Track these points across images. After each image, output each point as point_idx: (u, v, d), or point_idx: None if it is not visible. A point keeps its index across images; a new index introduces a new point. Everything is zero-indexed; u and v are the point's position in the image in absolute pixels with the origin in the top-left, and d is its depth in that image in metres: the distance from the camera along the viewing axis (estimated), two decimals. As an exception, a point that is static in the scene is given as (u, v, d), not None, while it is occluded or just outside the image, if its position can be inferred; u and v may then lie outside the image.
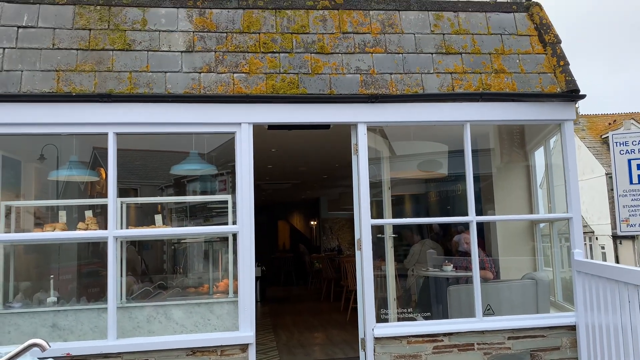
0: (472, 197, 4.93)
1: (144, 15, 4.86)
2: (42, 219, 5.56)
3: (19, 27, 4.62)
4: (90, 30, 4.70)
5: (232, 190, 5.97)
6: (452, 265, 6.56)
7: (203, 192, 6.86)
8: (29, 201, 5.49)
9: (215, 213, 6.35)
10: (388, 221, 5.65)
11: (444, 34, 5.17)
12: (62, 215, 4.87)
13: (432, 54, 5.07)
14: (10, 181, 5.02)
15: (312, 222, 18.82)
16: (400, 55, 5.02)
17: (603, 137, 26.54)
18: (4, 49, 4.52)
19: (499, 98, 4.94)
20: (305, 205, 18.48)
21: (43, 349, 2.79)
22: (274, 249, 18.33)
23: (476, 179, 5.09)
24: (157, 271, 7.12)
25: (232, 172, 5.65)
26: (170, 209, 7.06)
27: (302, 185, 13.68)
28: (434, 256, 7.12)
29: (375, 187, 5.38)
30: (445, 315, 5.68)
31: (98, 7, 4.81)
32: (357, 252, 4.89)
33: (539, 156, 6.36)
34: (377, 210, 5.38)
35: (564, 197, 5.17)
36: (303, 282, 15.44)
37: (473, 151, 5.00)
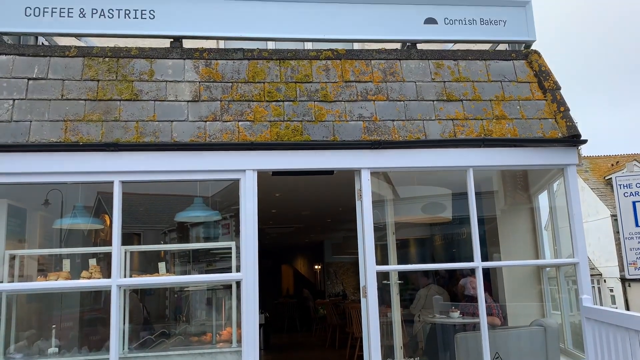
0: (477, 242, 4.91)
1: (151, 66, 4.98)
2: (46, 265, 5.56)
3: (29, 78, 4.74)
4: (98, 81, 4.82)
5: (236, 234, 5.97)
6: (459, 311, 6.47)
7: (206, 237, 6.85)
8: (33, 250, 5.49)
9: (218, 258, 6.33)
10: (394, 268, 5.61)
11: (444, 82, 5.27)
12: (66, 264, 4.86)
13: (433, 101, 5.15)
14: (16, 229, 5.04)
15: (316, 266, 18.65)
16: (402, 102, 5.10)
17: (606, 178, 26.56)
18: (13, 100, 4.62)
19: (501, 144, 4.98)
20: (309, 249, 18.37)
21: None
22: (278, 294, 18.12)
23: (480, 221, 5.08)
24: (160, 318, 7.04)
25: (236, 216, 5.65)
26: (174, 254, 7.04)
27: (306, 229, 13.65)
28: (441, 302, 7.03)
29: (379, 230, 5.38)
30: (452, 364, 5.55)
31: (107, 59, 4.94)
32: (363, 300, 4.83)
33: (542, 199, 6.36)
34: (381, 255, 5.36)
35: (569, 238, 5.14)
36: (307, 329, 15.19)
37: (476, 194, 5.01)
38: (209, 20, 5.24)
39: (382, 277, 5.36)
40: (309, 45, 6.29)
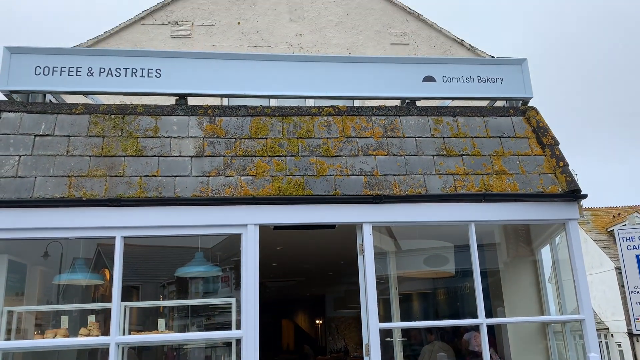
0: (481, 298, 4.85)
1: (156, 123, 5.08)
2: (44, 320, 5.46)
3: (35, 135, 4.83)
4: (104, 137, 4.90)
5: (236, 287, 5.89)
6: (464, 369, 6.30)
7: (206, 291, 6.77)
8: (31, 306, 5.41)
9: (218, 312, 6.23)
10: (397, 325, 5.53)
11: (444, 137, 5.36)
12: (64, 321, 4.78)
13: (433, 156, 5.22)
14: (15, 285, 4.99)
15: (317, 321, 18.30)
16: (403, 157, 5.17)
17: (609, 230, 26.44)
18: (19, 156, 4.69)
19: (502, 199, 5.01)
20: (310, 303, 18.08)
21: None
22: (278, 350, 17.70)
23: (484, 274, 5.04)
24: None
25: (236, 268, 5.61)
26: (172, 307, 6.93)
27: (307, 283, 13.47)
28: (445, 359, 6.86)
29: (381, 284, 5.32)
30: None
31: (113, 116, 5.04)
32: (365, 358, 4.73)
33: (545, 252, 6.32)
34: (384, 309, 5.28)
35: (573, 292, 5.08)
36: (308, 386, 14.75)
37: (479, 246, 5.00)
38: (213, 78, 5.39)
39: (385, 334, 5.26)
40: (310, 102, 6.44)
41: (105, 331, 4.57)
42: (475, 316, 4.86)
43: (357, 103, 6.50)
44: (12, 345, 4.60)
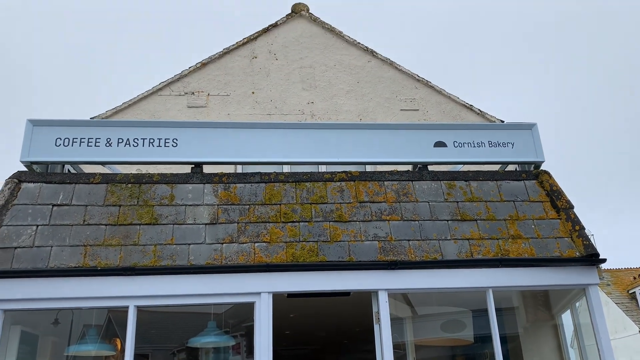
0: (503, 367, 4.67)
1: (172, 191, 5.15)
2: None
3: (53, 205, 4.91)
4: (120, 206, 4.97)
5: (247, 354, 5.74)
6: None
7: (217, 358, 6.61)
8: (41, 379, 5.30)
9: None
10: (415, 396, 5.30)
11: (457, 202, 5.35)
12: (74, 395, 4.67)
13: (447, 220, 5.20)
14: (26, 357, 4.91)
15: (332, 391, 17.61)
16: (417, 222, 5.16)
17: (630, 292, 25.70)
18: (37, 226, 4.75)
19: (519, 264, 4.94)
20: (325, 372, 17.46)
21: None
22: (292, 422, 16.95)
23: (503, 340, 4.89)
24: None
25: (247, 335, 5.49)
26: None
27: (321, 351, 13.09)
28: None
29: (398, 351, 5.16)
30: None
31: (129, 185, 5.13)
32: None
33: (566, 317, 6.13)
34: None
35: (597, 357, 4.89)
36: None
37: (496, 310, 4.88)
38: (228, 146, 5.50)
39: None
40: (323, 168, 6.52)
41: (115, 405, 4.45)
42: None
43: (369, 168, 6.56)
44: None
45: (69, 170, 5.54)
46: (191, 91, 7.96)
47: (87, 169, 5.87)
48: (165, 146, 5.34)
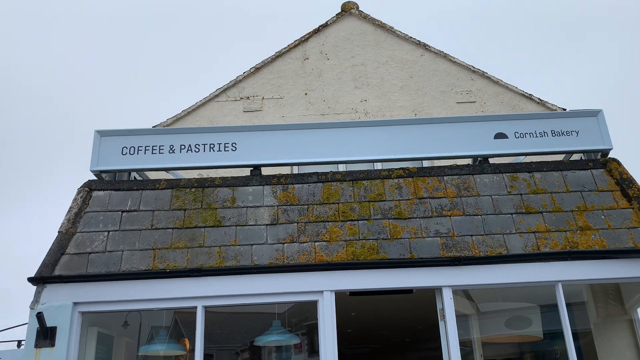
0: (576, 363, 4.50)
1: (233, 194, 5.28)
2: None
3: (122, 211, 5.13)
4: (185, 210, 5.13)
5: (309, 353, 5.79)
6: None
7: (279, 357, 6.70)
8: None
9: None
10: (485, 394, 5.18)
11: (521, 194, 5.20)
12: (149, 393, 4.86)
13: (511, 214, 5.06)
14: (103, 357, 5.15)
15: (395, 390, 17.49)
16: (479, 217, 5.05)
17: None
18: (108, 231, 4.98)
19: (590, 256, 4.74)
20: (387, 371, 17.37)
21: None
22: (356, 420, 16.95)
23: (574, 335, 4.72)
24: None
25: (308, 334, 5.54)
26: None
27: (383, 350, 13.04)
28: None
29: (464, 349, 5.07)
30: None
31: (193, 189, 5.29)
32: None
33: (642, 311, 5.83)
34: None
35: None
36: None
37: (567, 304, 4.70)
38: (284, 148, 5.58)
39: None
40: (378, 166, 6.48)
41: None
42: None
43: (426, 164, 6.47)
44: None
45: (134, 177, 5.77)
46: (246, 96, 8.13)
47: (152, 175, 6.10)
48: (225, 150, 5.48)
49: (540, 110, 7.88)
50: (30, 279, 4.64)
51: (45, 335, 4.45)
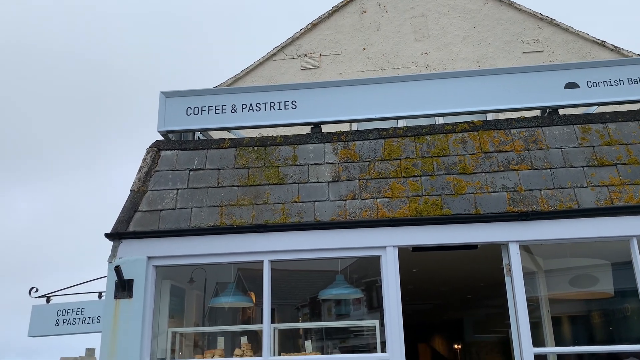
0: (651, 321, 4.35)
1: (294, 152, 5.32)
2: (197, 343, 5.87)
3: (190, 170, 5.29)
4: (249, 168, 5.24)
5: (368, 309, 5.88)
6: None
7: (338, 313, 6.84)
8: (190, 328, 5.86)
9: (353, 335, 6.25)
10: (553, 350, 5.15)
11: (593, 146, 4.96)
12: (220, 342, 5.12)
13: (583, 167, 4.85)
14: (176, 308, 5.44)
15: (455, 346, 17.60)
16: (549, 170, 4.87)
17: None
18: (177, 189, 5.17)
19: (669, 209, 4.49)
20: (447, 327, 17.45)
21: None
22: (416, 375, 17.24)
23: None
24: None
25: (366, 290, 5.60)
26: (308, 330, 7.09)
27: (443, 306, 13.06)
28: (609, 390, 6.21)
29: (530, 305, 4.99)
30: None
31: (255, 148, 5.38)
32: (520, 385, 4.44)
33: None
34: (534, 334, 4.94)
35: None
36: (450, 414, 14.14)
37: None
38: (344, 105, 5.54)
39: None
40: (440, 120, 6.33)
41: (256, 352, 4.82)
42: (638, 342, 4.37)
43: (491, 117, 6.27)
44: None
45: (199, 137, 5.92)
46: (304, 53, 8.07)
47: (215, 135, 6.24)
48: (285, 109, 5.51)
49: (614, 57, 7.40)
50: (107, 235, 4.92)
51: (123, 287, 4.73)
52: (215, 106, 5.53)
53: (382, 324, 4.76)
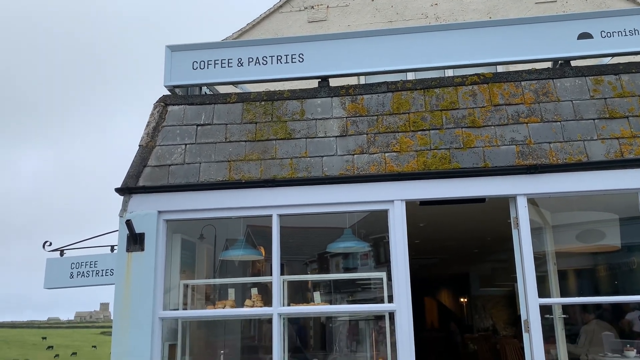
0: (657, 273, 4.39)
1: (302, 106, 5.28)
2: (208, 295, 6.01)
3: (197, 125, 5.28)
4: (256, 123, 5.22)
5: (375, 264, 5.97)
6: (635, 350, 5.79)
7: (346, 267, 6.97)
8: (202, 280, 5.98)
9: (360, 289, 6.37)
10: (558, 300, 5.23)
11: (605, 98, 4.88)
12: (231, 293, 5.24)
13: (594, 119, 4.79)
14: (187, 261, 5.55)
15: (461, 299, 17.90)
16: (558, 123, 4.82)
17: None
18: (185, 144, 5.17)
19: (680, 162, 4.46)
20: (454, 281, 17.71)
21: None
22: (422, 327, 17.65)
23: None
24: (306, 347, 7.21)
25: (374, 246, 5.67)
26: (316, 284, 7.23)
27: (450, 261, 13.23)
28: (612, 339, 6.35)
29: (537, 259, 5.05)
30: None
31: (262, 103, 5.34)
32: (525, 335, 4.54)
33: None
34: (540, 286, 5.02)
35: None
36: (455, 364, 14.48)
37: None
38: (352, 57, 5.45)
39: (542, 311, 4.99)
40: (450, 73, 6.24)
41: (266, 304, 4.94)
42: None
43: (500, 69, 6.16)
44: (192, 314, 5.15)
45: (205, 91, 5.87)
46: (310, 5, 7.90)
47: (221, 89, 6.19)
48: (292, 62, 5.43)
49: (629, 6, 7.19)
50: (117, 190, 4.96)
51: (135, 240, 4.81)
52: (222, 60, 5.46)
53: (389, 279, 4.84)
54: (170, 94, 5.57)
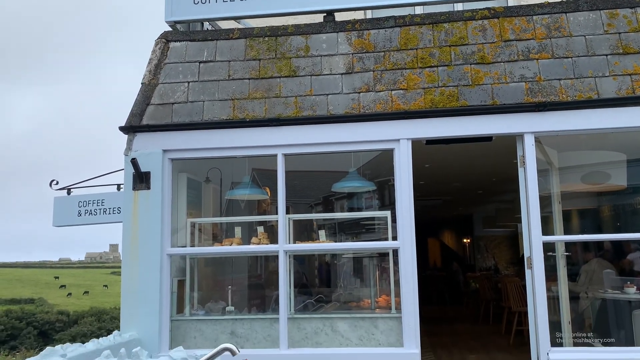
0: (663, 211, 4.39)
1: (306, 42, 5.15)
2: (215, 233, 6.10)
3: (200, 62, 5.17)
4: (259, 60, 5.10)
5: (380, 206, 5.99)
6: (635, 287, 5.88)
7: (351, 208, 7.00)
8: (209, 218, 6.04)
9: (365, 230, 6.43)
10: (561, 238, 5.25)
11: (619, 33, 4.73)
12: (238, 231, 5.30)
13: (606, 55, 4.65)
14: (194, 200, 5.58)
15: (464, 240, 18.17)
16: (570, 59, 4.69)
17: None
18: (188, 82, 5.09)
19: (693, 99, 4.36)
20: (457, 223, 17.92)
21: (233, 353, 3.04)
22: (424, 267, 18.00)
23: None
24: (311, 285, 7.37)
25: (379, 189, 5.66)
26: (321, 225, 7.30)
27: (454, 202, 13.31)
28: (612, 277, 6.44)
29: (542, 199, 5.06)
30: (629, 342, 5.10)
31: (266, 39, 5.20)
32: (527, 271, 4.60)
33: None
34: (545, 226, 5.04)
35: None
36: (456, 302, 14.89)
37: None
38: (359, -9, 5.26)
39: (545, 249, 5.04)
40: (459, 7, 6.03)
41: (273, 241, 5.00)
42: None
43: (512, 3, 5.94)
44: (199, 251, 5.25)
45: (207, 27, 5.72)
46: (315, -64, 7.54)
47: (223, 25, 6.02)
48: (297, -6, 5.24)
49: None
50: (121, 128, 4.93)
51: (141, 179, 4.83)
52: (223, -7, 5.28)
53: (393, 220, 4.86)
54: (171, 30, 5.43)
